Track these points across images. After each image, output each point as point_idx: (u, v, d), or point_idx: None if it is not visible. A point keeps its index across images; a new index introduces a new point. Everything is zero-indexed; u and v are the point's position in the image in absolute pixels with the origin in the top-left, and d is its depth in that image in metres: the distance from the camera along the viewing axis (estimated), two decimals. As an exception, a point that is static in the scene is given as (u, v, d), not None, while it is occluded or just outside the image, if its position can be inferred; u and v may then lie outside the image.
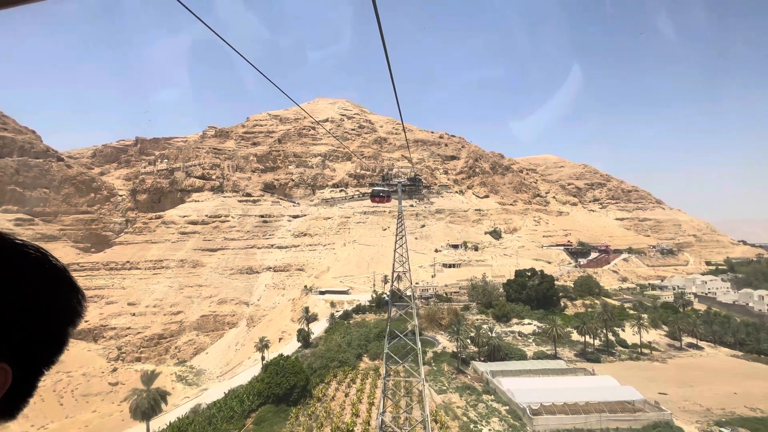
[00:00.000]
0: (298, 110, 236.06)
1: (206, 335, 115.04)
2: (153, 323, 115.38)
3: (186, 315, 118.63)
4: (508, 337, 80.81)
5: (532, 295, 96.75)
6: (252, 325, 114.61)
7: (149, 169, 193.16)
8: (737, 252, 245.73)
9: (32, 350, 1.42)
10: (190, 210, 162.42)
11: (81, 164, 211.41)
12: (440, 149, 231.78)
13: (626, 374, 64.34)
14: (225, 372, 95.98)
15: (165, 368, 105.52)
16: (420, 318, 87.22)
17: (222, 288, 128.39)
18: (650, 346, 79.82)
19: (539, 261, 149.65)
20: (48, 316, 1.44)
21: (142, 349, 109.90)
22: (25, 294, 1.38)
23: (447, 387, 56.79)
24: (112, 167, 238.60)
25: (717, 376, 65.94)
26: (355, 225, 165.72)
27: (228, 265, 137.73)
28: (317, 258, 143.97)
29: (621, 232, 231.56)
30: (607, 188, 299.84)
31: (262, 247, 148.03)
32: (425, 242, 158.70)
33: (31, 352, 1.41)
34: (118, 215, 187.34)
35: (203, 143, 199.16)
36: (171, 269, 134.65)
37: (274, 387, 47.37)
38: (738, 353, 79.79)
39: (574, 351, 76.40)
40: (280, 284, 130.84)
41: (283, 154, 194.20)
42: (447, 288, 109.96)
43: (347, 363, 60.36)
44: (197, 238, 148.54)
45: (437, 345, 74.05)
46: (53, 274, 1.48)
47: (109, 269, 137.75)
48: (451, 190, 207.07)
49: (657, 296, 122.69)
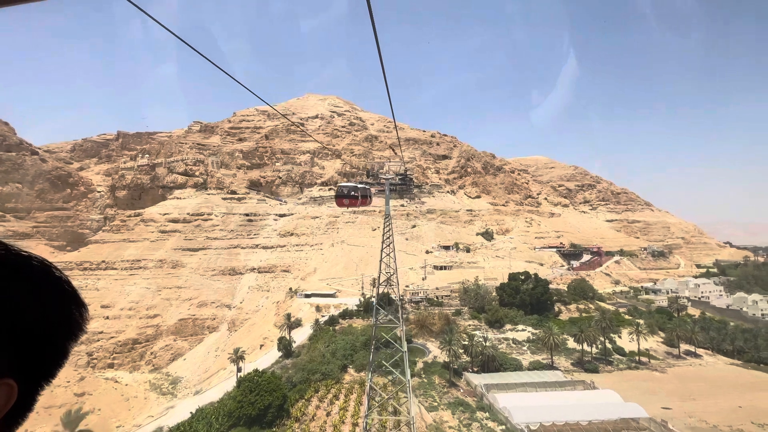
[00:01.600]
0: (286, 106, 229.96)
1: (184, 340, 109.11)
2: (128, 327, 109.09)
3: (163, 318, 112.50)
4: (501, 345, 77.00)
5: (526, 299, 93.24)
6: (233, 329, 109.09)
7: (130, 165, 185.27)
8: (724, 254, 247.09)
9: (36, 364, 1.41)
10: (172, 207, 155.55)
11: (59, 159, 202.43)
12: (432, 148, 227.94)
13: (626, 386, 61.02)
14: (203, 380, 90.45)
15: (139, 376, 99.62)
16: (410, 324, 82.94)
17: (203, 290, 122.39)
18: (648, 353, 76.90)
19: (532, 263, 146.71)
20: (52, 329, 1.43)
21: (115, 355, 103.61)
22: (31, 308, 1.37)
23: (438, 403, 52.50)
24: (92, 162, 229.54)
25: (719, 387, 62.97)
26: (344, 225, 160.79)
27: (210, 265, 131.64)
28: (304, 259, 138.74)
29: (612, 234, 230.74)
30: (597, 190, 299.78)
31: (246, 247, 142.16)
32: (416, 243, 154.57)
33: (35, 367, 1.41)
34: (95, 212, 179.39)
35: (187, 138, 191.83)
36: (149, 270, 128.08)
37: (247, 406, 42.51)
38: (737, 362, 77.31)
39: (570, 360, 72.91)
40: (265, 286, 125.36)
41: (270, 151, 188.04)
42: (438, 291, 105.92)
43: (330, 376, 55.70)
44: (178, 237, 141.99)
45: (428, 354, 69.82)
46: (58, 287, 1.47)
47: (83, 269, 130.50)
48: (443, 190, 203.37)
49: (651, 300, 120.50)
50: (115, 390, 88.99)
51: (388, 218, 36.17)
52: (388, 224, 36.18)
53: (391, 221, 36.96)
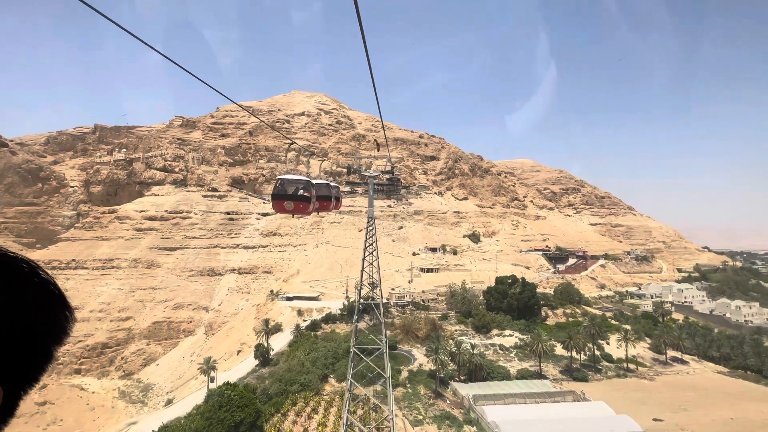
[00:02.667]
0: (272, 102, 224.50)
1: (158, 344, 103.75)
2: (97, 330, 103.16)
3: (136, 321, 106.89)
4: (488, 351, 74.80)
5: (514, 304, 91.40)
6: (211, 333, 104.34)
7: (106, 159, 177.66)
8: (703, 258, 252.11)
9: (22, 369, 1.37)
10: (149, 204, 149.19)
11: (32, 152, 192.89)
12: (420, 149, 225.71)
13: (616, 396, 59.28)
14: (176, 387, 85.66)
15: (108, 382, 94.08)
16: (395, 329, 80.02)
17: (179, 291, 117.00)
18: (636, 360, 75.78)
19: (518, 266, 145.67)
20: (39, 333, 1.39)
21: (83, 360, 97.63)
22: (18, 311, 1.32)
23: (424, 416, 49.63)
24: (67, 156, 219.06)
25: (709, 397, 61.85)
26: (329, 225, 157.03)
27: (187, 265, 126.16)
28: (287, 260, 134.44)
29: (597, 238, 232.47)
30: (582, 194, 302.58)
31: (226, 247, 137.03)
32: (403, 245, 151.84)
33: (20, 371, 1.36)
34: (68, 208, 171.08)
35: (167, 133, 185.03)
36: (122, 269, 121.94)
37: (216, 424, 38.84)
38: (724, 369, 76.83)
39: (559, 367, 71.10)
40: (245, 288, 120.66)
41: (254, 148, 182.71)
42: (424, 295, 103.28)
43: (309, 387, 52.25)
44: (154, 235, 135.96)
45: (413, 362, 66.93)
46: (45, 290, 1.43)
47: (52, 268, 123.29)
48: (431, 191, 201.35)
49: (636, 305, 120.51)
50: (80, 399, 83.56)
51: (371, 221, 32.71)
52: (372, 227, 32.77)
53: (374, 224, 33.54)
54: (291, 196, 18.38)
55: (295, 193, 18.57)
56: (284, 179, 18.66)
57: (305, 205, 18.52)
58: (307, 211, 18.86)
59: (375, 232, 33.51)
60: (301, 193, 18.58)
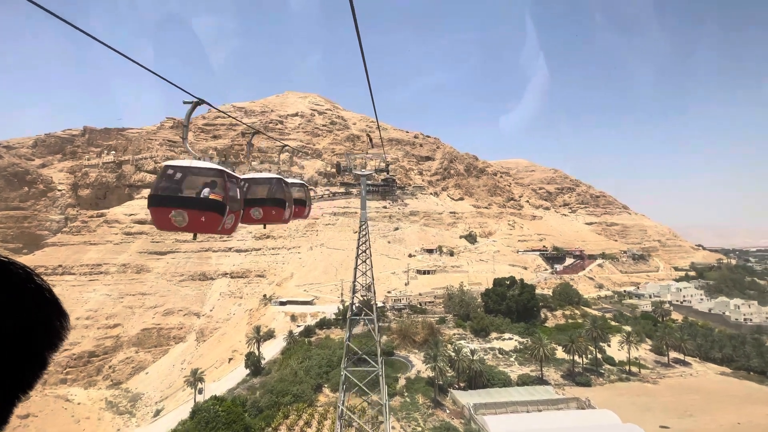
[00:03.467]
0: (265, 103, 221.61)
1: (147, 352, 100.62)
2: (84, 338, 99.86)
3: (125, 328, 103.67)
4: (488, 355, 72.73)
5: (513, 306, 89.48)
6: (202, 339, 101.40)
7: (94, 162, 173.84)
8: (699, 257, 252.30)
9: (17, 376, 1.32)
10: (138, 208, 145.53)
11: (18, 155, 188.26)
12: (415, 149, 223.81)
13: (620, 401, 57.50)
14: (166, 397, 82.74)
15: (95, 392, 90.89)
16: (392, 333, 77.73)
17: (169, 297, 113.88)
18: (638, 363, 74.12)
19: (515, 267, 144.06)
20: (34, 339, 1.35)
21: (69, 369, 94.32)
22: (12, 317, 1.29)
23: (423, 427, 47.44)
24: (55, 159, 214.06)
25: (714, 400, 60.21)
26: (323, 227, 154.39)
27: (178, 270, 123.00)
28: (280, 263, 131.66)
29: (593, 237, 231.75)
30: (577, 193, 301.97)
31: (218, 251, 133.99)
32: (399, 246, 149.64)
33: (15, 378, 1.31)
34: (56, 212, 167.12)
35: (158, 135, 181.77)
36: (111, 275, 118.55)
37: (201, 442, 36.38)
38: (727, 370, 75.33)
39: (560, 371, 69.22)
40: (237, 292, 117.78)
41: (246, 149, 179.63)
42: (421, 297, 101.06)
43: (302, 398, 49.81)
44: (144, 239, 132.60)
45: (411, 368, 64.67)
46: (39, 295, 1.40)
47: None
48: (426, 192, 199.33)
49: (635, 305, 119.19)
50: (65, 410, 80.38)
51: (364, 223, 30.37)
52: (365, 230, 30.43)
53: (367, 226, 31.19)
54: (172, 204, 7.95)
55: (184, 198, 8.20)
56: (171, 166, 8.20)
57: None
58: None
59: (368, 233, 31.18)
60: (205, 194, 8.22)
